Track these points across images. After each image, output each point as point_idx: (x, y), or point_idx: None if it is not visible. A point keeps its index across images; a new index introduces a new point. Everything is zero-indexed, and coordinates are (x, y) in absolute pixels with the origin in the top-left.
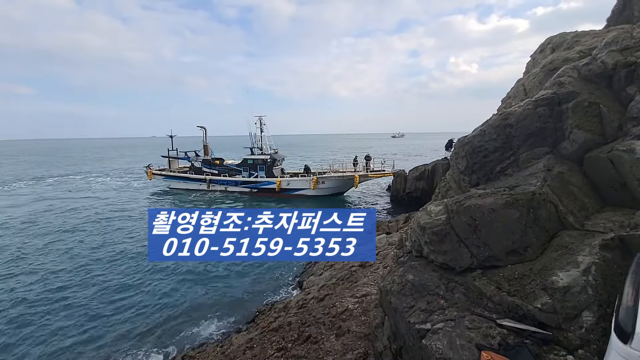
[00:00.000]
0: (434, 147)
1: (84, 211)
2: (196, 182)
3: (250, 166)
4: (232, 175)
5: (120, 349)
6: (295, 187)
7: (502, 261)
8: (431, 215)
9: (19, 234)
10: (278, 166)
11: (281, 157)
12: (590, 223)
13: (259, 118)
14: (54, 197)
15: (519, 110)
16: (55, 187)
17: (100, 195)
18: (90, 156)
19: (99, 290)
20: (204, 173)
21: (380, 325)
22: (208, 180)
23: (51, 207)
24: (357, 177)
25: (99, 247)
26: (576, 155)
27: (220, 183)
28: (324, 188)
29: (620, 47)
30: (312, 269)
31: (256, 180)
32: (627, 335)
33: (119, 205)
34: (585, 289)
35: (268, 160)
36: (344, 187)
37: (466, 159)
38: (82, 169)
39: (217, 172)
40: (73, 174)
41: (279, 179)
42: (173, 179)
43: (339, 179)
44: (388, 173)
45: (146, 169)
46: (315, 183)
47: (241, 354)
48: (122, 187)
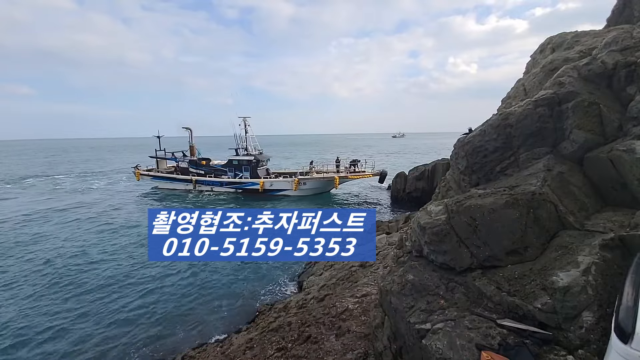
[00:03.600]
0: (437, 147)
1: (71, 214)
2: (183, 183)
3: (235, 167)
4: (218, 175)
5: (120, 349)
6: (278, 187)
7: (502, 261)
8: (431, 215)
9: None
10: (263, 167)
11: (266, 158)
12: (590, 223)
13: (243, 119)
14: (38, 198)
15: (519, 110)
16: (37, 189)
17: (88, 195)
18: (85, 156)
19: (98, 290)
20: (190, 173)
21: (380, 325)
22: (194, 181)
23: (36, 207)
24: (337, 178)
25: (94, 247)
26: (576, 155)
27: (206, 183)
28: (305, 189)
29: (620, 47)
30: (312, 269)
31: (241, 181)
32: (627, 335)
33: (106, 206)
34: (585, 289)
35: (252, 161)
36: (325, 188)
37: (466, 159)
38: (75, 169)
39: (204, 172)
40: (63, 174)
41: (262, 180)
42: (160, 180)
43: (320, 180)
44: (368, 174)
45: (134, 170)
46: (297, 184)
47: (241, 354)
48: (111, 187)
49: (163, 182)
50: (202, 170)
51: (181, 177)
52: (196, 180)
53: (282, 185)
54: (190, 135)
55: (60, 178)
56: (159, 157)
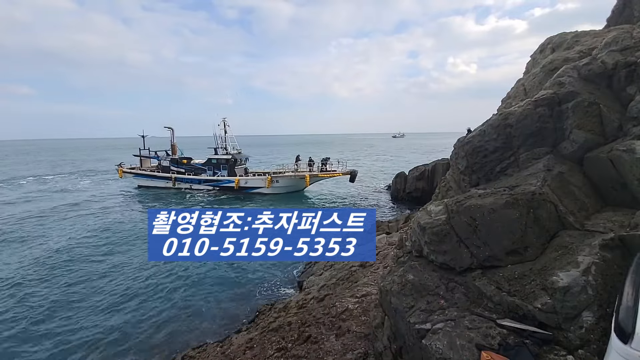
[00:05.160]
0: (437, 147)
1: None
2: (163, 180)
3: (214, 165)
4: (197, 174)
5: (120, 350)
6: (253, 185)
7: (502, 261)
8: (431, 215)
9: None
10: (241, 165)
11: (244, 157)
12: (590, 223)
13: (223, 120)
14: (26, 197)
15: (519, 110)
16: (25, 189)
17: (73, 194)
18: (81, 156)
19: (97, 290)
20: (171, 171)
21: (380, 325)
22: (173, 179)
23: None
24: (307, 177)
25: (85, 248)
26: (576, 155)
27: (185, 181)
28: (278, 187)
29: (620, 47)
30: (312, 269)
31: (217, 179)
32: (627, 335)
33: (91, 203)
34: (585, 289)
35: (230, 160)
36: (298, 186)
37: (466, 159)
38: (64, 169)
39: (184, 170)
40: (54, 174)
41: (237, 178)
42: (142, 177)
43: (291, 178)
44: (338, 173)
45: (117, 168)
46: (270, 182)
47: (241, 354)
48: (95, 185)
49: (145, 180)
50: (183, 168)
51: (161, 175)
52: (175, 178)
53: (256, 183)
54: (172, 134)
55: (50, 177)
56: (143, 156)
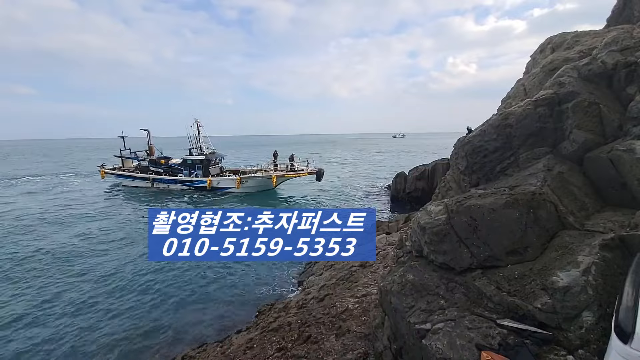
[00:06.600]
0: (437, 147)
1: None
2: (142, 180)
3: (189, 166)
4: (174, 174)
5: (120, 350)
6: (224, 185)
7: (502, 261)
8: (431, 215)
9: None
10: (216, 165)
11: (219, 157)
12: (590, 223)
13: (196, 121)
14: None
15: (519, 110)
16: (17, 189)
17: (61, 194)
18: (76, 155)
19: (96, 290)
20: (150, 172)
21: (380, 325)
22: (151, 179)
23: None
24: (274, 177)
25: (81, 248)
26: (576, 155)
27: (163, 182)
28: (247, 187)
29: (620, 47)
30: (312, 269)
31: (192, 179)
32: (627, 335)
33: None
34: (585, 289)
35: (204, 160)
36: (267, 186)
37: (466, 159)
38: (63, 169)
39: (162, 171)
40: (40, 175)
41: (210, 179)
42: (122, 177)
43: (259, 178)
44: (304, 173)
45: (99, 168)
46: (239, 182)
47: (241, 354)
48: (82, 186)
49: (126, 180)
50: (161, 168)
51: (140, 175)
52: (153, 179)
53: (227, 183)
54: (148, 135)
55: (38, 178)
56: (124, 157)
